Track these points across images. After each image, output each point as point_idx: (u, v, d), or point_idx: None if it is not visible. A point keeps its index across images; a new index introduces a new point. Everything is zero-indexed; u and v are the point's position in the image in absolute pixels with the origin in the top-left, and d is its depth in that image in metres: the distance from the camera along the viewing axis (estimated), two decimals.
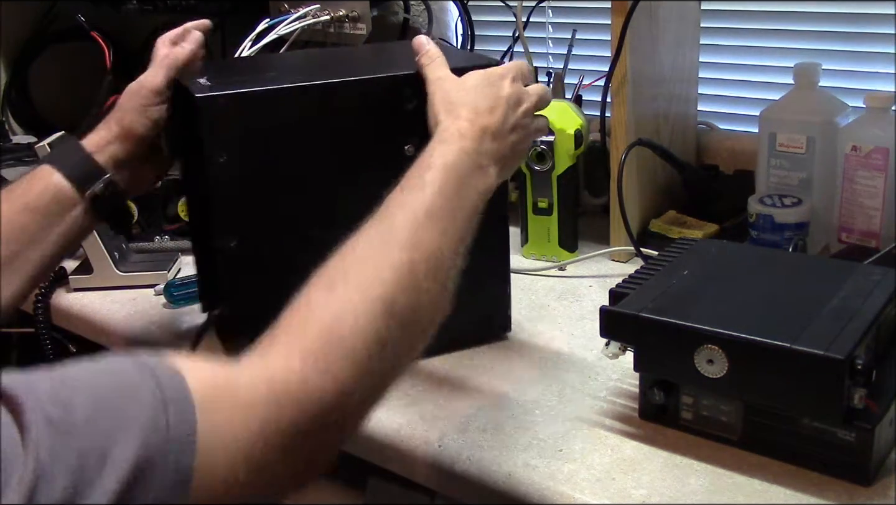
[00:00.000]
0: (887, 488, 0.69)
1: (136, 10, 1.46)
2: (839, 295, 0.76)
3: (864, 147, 1.02)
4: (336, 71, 0.89)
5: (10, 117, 1.69)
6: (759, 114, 1.13)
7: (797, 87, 1.10)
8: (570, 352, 0.92)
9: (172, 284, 1.09)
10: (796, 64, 1.10)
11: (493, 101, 0.76)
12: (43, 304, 1.14)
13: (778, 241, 1.05)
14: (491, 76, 0.78)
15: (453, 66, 0.80)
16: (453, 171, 0.70)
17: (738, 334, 0.70)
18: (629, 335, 0.77)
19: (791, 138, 1.09)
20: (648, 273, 0.84)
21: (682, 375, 0.74)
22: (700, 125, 1.33)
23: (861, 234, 1.05)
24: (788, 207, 1.05)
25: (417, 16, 1.49)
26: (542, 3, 1.41)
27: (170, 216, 1.25)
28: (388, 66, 0.91)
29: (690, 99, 1.28)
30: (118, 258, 1.15)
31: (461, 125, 0.74)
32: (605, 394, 0.84)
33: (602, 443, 0.77)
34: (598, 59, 1.41)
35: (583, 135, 1.13)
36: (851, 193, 1.05)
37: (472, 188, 0.72)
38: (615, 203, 1.11)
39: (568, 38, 1.35)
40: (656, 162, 1.18)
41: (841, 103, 1.10)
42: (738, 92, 1.35)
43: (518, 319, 0.98)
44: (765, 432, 0.73)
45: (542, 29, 1.49)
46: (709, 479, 0.72)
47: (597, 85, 1.27)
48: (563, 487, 0.72)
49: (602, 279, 1.09)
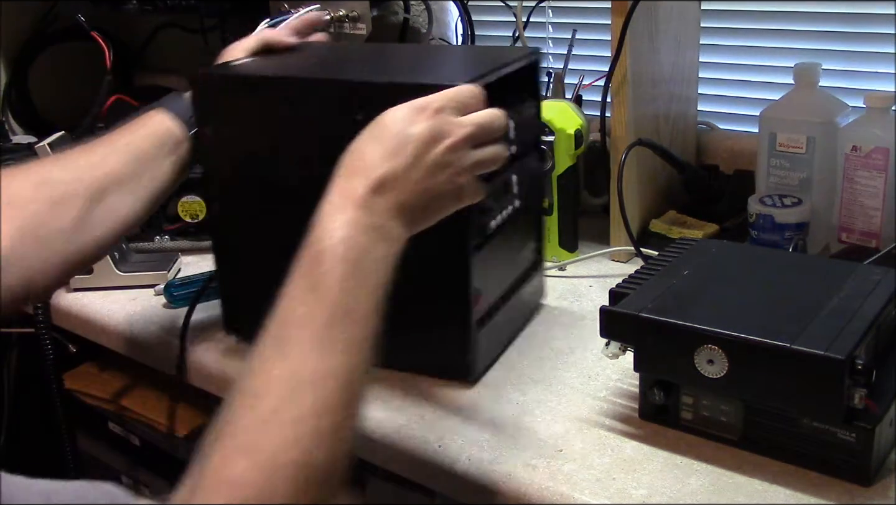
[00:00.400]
0: (887, 488, 0.69)
1: (136, 10, 1.46)
2: (839, 295, 0.76)
3: (864, 147, 1.02)
4: (336, 69, 0.91)
5: (10, 117, 1.69)
6: (759, 114, 1.13)
7: (797, 87, 1.10)
8: (570, 352, 0.92)
9: (172, 284, 1.09)
10: (796, 64, 1.10)
11: (398, 142, 0.67)
12: (43, 304, 1.14)
13: (778, 241, 1.05)
14: (407, 111, 0.69)
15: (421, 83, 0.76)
16: (346, 251, 0.63)
17: (738, 334, 0.70)
18: (629, 335, 0.77)
19: (791, 138, 1.09)
20: (648, 273, 0.84)
21: (682, 375, 0.74)
22: (700, 125, 1.33)
23: (861, 235, 1.05)
24: (788, 207, 1.05)
25: (417, 16, 1.48)
26: (542, 3, 1.41)
27: (170, 216, 1.25)
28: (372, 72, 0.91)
29: (690, 99, 1.28)
30: (118, 258, 1.15)
31: (350, 185, 0.66)
32: (605, 394, 0.84)
33: (602, 443, 0.77)
34: (598, 59, 1.41)
35: (583, 135, 1.13)
36: (851, 193, 1.05)
37: (372, 261, 0.64)
38: (615, 203, 1.11)
39: (568, 38, 1.35)
40: (656, 162, 1.18)
41: (841, 103, 1.10)
42: (738, 92, 1.35)
43: None
44: (765, 432, 0.73)
45: (542, 29, 1.49)
46: (709, 479, 0.72)
47: (597, 85, 1.27)
48: (563, 487, 0.72)
49: (602, 279, 1.09)
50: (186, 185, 1.22)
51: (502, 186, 0.87)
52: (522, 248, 0.98)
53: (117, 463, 1.33)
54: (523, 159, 0.91)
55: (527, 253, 0.99)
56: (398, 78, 0.83)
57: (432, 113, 0.69)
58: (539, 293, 1.03)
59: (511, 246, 0.94)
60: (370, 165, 0.66)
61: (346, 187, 0.66)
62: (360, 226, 0.64)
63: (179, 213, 1.24)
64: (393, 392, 0.86)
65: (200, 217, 1.24)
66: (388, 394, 0.86)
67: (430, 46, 1.45)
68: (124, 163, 0.84)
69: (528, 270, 0.99)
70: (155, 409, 1.28)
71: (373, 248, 0.64)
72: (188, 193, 1.23)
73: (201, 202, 1.24)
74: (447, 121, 0.70)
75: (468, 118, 0.71)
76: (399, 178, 0.67)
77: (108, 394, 1.28)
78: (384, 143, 0.68)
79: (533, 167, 0.94)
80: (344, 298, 0.61)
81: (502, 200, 0.88)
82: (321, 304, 0.61)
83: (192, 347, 0.98)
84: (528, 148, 0.93)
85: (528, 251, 0.99)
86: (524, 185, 0.91)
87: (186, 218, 1.24)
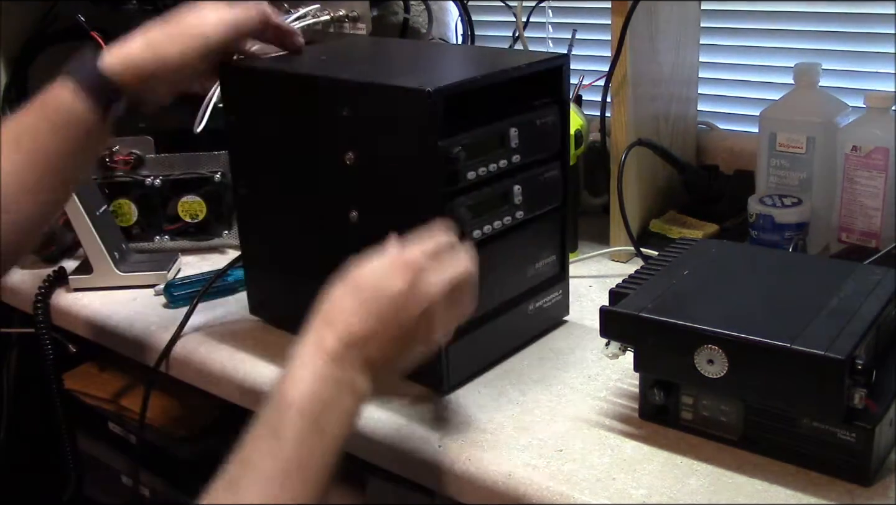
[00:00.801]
0: (887, 488, 0.69)
1: (136, 10, 1.46)
2: (839, 295, 0.76)
3: (864, 147, 1.02)
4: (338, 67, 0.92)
5: None
6: (759, 114, 1.13)
7: (797, 87, 1.10)
8: (570, 352, 0.92)
9: (172, 284, 1.09)
10: (796, 64, 1.10)
11: (374, 298, 0.67)
12: (43, 304, 1.14)
13: (778, 241, 1.05)
14: (388, 266, 0.69)
15: None
16: (311, 405, 0.64)
17: (738, 334, 0.70)
18: (629, 335, 0.77)
19: (791, 138, 1.09)
20: (648, 273, 0.84)
21: (682, 375, 0.74)
22: (700, 125, 1.33)
23: (861, 235, 1.05)
24: (788, 207, 1.05)
25: (417, 16, 1.48)
26: (542, 3, 1.41)
27: (170, 216, 1.25)
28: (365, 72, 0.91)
29: (690, 99, 1.28)
30: (118, 258, 1.15)
31: (323, 336, 0.67)
32: (605, 394, 0.84)
33: (602, 443, 0.77)
34: (598, 59, 1.41)
35: (583, 135, 1.13)
36: (851, 193, 1.05)
37: (335, 415, 0.65)
38: (615, 203, 1.11)
39: (568, 38, 1.35)
40: (656, 162, 1.18)
41: (841, 103, 1.10)
42: (738, 92, 1.35)
43: None
44: (765, 432, 0.73)
45: (542, 29, 1.49)
46: (709, 479, 0.72)
47: (597, 85, 1.27)
48: (563, 487, 0.72)
49: (602, 279, 1.09)
50: (186, 185, 1.24)
51: (500, 196, 0.86)
52: (531, 260, 0.92)
53: (117, 463, 1.33)
54: (534, 168, 0.89)
55: (541, 265, 0.93)
56: (379, 79, 0.83)
57: (411, 272, 0.68)
58: (561, 308, 0.97)
59: (511, 257, 0.90)
60: (345, 319, 0.67)
61: (320, 337, 0.67)
62: (328, 379, 0.65)
63: (179, 213, 1.24)
64: (393, 392, 0.86)
65: (200, 217, 1.24)
66: (387, 394, 0.85)
67: (442, 45, 1.44)
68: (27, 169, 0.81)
69: (544, 282, 0.94)
70: (155, 409, 1.29)
71: (337, 402, 0.65)
72: (188, 193, 1.24)
73: (201, 202, 1.24)
74: (425, 281, 0.69)
75: (445, 277, 0.70)
76: (372, 336, 0.67)
77: (108, 394, 1.28)
78: (360, 297, 0.68)
79: (549, 176, 0.91)
80: (300, 451, 0.63)
81: (495, 212, 0.85)
82: (277, 454, 0.62)
83: (184, 342, 0.99)
84: (546, 155, 0.91)
85: (543, 263, 0.94)
86: (533, 194, 0.89)
87: (186, 218, 1.24)
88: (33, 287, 1.16)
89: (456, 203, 0.81)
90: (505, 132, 0.85)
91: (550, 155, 0.91)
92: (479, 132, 0.82)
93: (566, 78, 0.91)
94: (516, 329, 0.92)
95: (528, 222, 0.90)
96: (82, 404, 1.35)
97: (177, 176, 1.23)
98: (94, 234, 1.13)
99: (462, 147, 0.80)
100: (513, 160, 0.86)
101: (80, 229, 1.13)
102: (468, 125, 0.81)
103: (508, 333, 0.92)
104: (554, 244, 0.95)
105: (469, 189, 0.82)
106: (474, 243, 0.80)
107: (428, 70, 0.95)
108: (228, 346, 0.98)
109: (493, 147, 0.84)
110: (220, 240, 1.26)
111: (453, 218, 0.79)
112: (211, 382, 0.96)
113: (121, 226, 1.22)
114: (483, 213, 0.84)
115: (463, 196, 0.82)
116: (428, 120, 0.77)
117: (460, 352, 0.85)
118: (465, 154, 0.80)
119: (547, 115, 0.89)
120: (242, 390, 0.92)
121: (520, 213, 0.88)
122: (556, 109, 0.90)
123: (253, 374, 0.92)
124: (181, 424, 1.24)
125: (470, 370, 0.88)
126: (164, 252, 1.23)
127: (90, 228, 1.12)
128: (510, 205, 0.87)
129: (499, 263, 0.88)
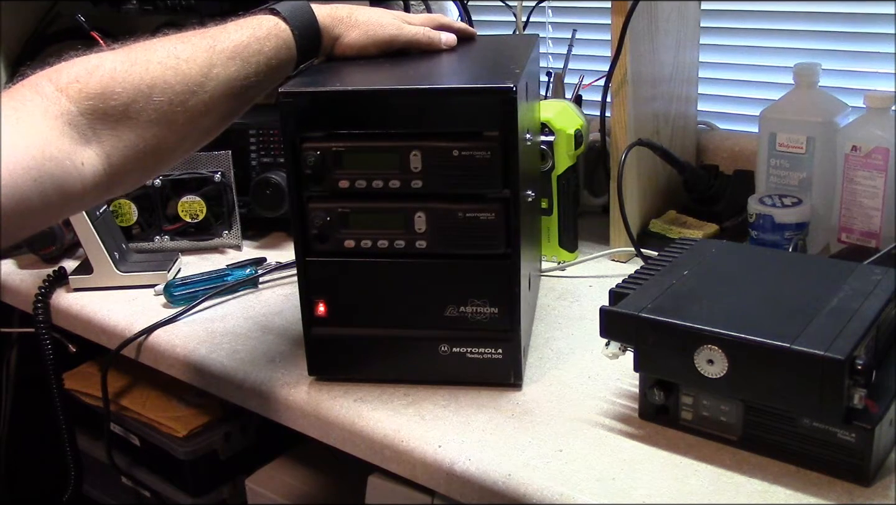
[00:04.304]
0: (887, 488, 0.69)
1: (136, 10, 1.46)
2: (839, 295, 0.76)
3: (864, 147, 1.02)
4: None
5: None
6: (759, 114, 1.13)
7: (797, 87, 1.10)
8: (570, 352, 0.93)
9: (172, 284, 1.09)
10: (796, 64, 1.11)
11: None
12: (43, 304, 1.14)
13: (778, 241, 1.05)
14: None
15: None
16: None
17: (738, 334, 0.70)
18: (629, 335, 0.77)
19: (791, 138, 1.09)
20: (648, 273, 0.84)
21: (682, 375, 0.74)
22: (700, 125, 1.33)
23: (861, 235, 1.05)
24: (788, 207, 1.05)
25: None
26: (542, 3, 1.41)
27: (170, 216, 1.25)
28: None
29: (690, 99, 1.28)
30: (118, 258, 1.15)
31: None
32: (605, 394, 0.84)
33: (602, 443, 0.77)
34: (598, 59, 1.41)
35: (583, 135, 1.13)
36: (851, 193, 1.05)
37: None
38: (615, 203, 1.11)
39: (568, 38, 1.35)
40: (656, 162, 1.18)
41: (841, 103, 1.10)
42: (738, 92, 1.35)
43: None
44: (765, 432, 0.73)
45: (542, 29, 1.49)
46: (709, 479, 0.72)
47: (597, 85, 1.27)
48: (562, 487, 0.72)
49: (602, 279, 1.09)
50: (186, 185, 1.24)
51: (400, 217, 0.82)
52: (449, 300, 0.84)
53: (117, 463, 1.33)
54: (450, 202, 0.81)
55: (470, 311, 0.84)
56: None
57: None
58: (501, 369, 0.85)
59: (418, 286, 0.84)
60: None
61: None
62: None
63: (179, 213, 1.24)
64: (393, 392, 0.86)
65: (200, 217, 1.24)
66: (388, 394, 0.86)
67: None
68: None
69: (474, 331, 0.85)
70: (155, 409, 1.29)
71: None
72: (188, 193, 1.24)
73: (201, 202, 1.24)
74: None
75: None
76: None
77: (108, 394, 1.28)
78: None
79: (481, 217, 0.81)
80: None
81: (392, 231, 0.82)
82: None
83: (184, 342, 0.99)
84: (472, 192, 0.81)
85: (474, 310, 0.84)
86: (448, 230, 0.82)
87: (186, 218, 1.24)
88: (33, 287, 1.16)
89: (313, 204, 0.83)
90: (404, 154, 0.80)
91: (484, 195, 0.80)
92: (368, 145, 0.81)
93: (512, 113, 0.77)
94: (427, 364, 0.86)
95: (446, 257, 0.82)
96: (82, 404, 1.35)
97: (177, 176, 1.23)
98: (94, 234, 1.13)
99: (321, 152, 0.80)
100: (412, 185, 0.80)
101: (80, 229, 1.13)
102: (370, 136, 0.80)
103: (417, 366, 0.87)
104: (492, 293, 0.82)
105: (351, 196, 0.82)
106: None
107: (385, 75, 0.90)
108: (228, 346, 0.98)
109: (390, 164, 0.80)
110: (220, 240, 1.26)
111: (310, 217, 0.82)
112: (211, 383, 0.96)
113: (121, 226, 1.22)
114: (372, 226, 0.82)
115: (335, 201, 0.82)
116: (281, 121, 0.80)
117: None
118: (327, 160, 0.80)
119: (478, 149, 0.78)
120: (242, 390, 0.92)
121: (421, 242, 0.82)
122: (497, 146, 0.78)
123: (253, 374, 0.92)
124: (181, 424, 1.24)
125: None
126: (164, 252, 1.23)
127: (90, 228, 1.13)
128: (409, 231, 0.81)
129: (404, 284, 0.84)
